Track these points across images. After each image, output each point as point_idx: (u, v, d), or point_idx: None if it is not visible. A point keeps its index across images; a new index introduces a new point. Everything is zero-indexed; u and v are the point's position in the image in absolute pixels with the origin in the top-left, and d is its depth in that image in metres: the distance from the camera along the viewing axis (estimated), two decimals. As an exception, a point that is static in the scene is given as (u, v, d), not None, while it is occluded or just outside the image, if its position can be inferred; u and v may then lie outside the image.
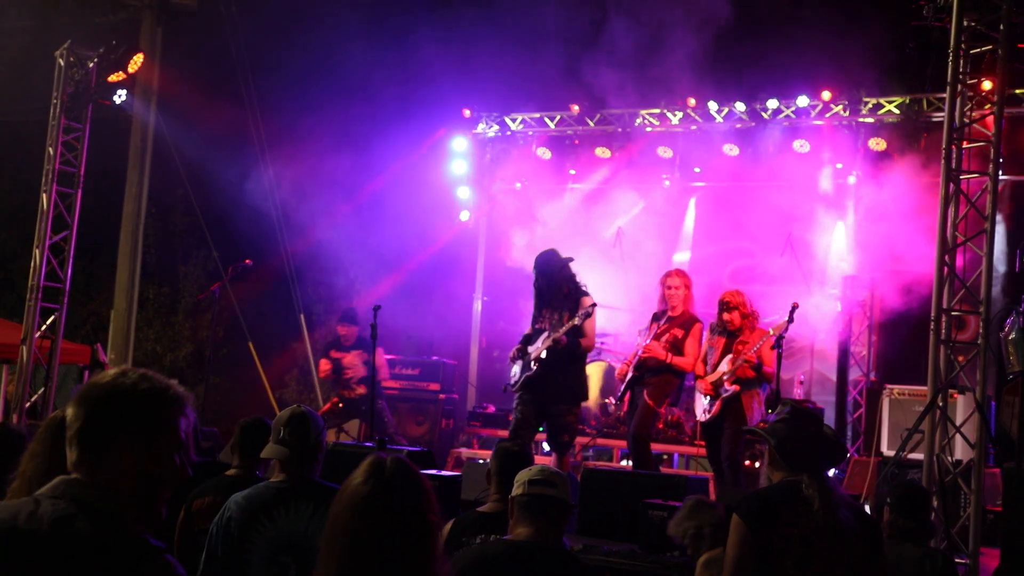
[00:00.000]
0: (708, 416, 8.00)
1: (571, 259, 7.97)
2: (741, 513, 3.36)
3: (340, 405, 10.21)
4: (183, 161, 12.60)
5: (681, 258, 12.33)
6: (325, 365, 10.39)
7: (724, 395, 7.87)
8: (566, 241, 13.32)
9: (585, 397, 8.11)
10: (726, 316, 8.02)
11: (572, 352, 7.76)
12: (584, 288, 7.87)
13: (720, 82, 11.85)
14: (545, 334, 7.76)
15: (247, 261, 10.91)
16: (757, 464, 9.36)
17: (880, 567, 3.42)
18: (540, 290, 7.95)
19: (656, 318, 8.40)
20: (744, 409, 7.81)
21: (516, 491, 3.25)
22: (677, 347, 8.12)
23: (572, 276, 7.88)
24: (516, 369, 7.95)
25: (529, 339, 8.00)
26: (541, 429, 8.21)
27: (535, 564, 3.13)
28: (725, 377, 7.88)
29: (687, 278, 8.36)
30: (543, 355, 7.69)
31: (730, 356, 7.91)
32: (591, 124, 12.92)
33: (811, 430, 3.45)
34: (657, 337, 8.19)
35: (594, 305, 7.70)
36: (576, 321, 7.57)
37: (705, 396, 8.06)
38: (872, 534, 3.43)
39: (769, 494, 3.47)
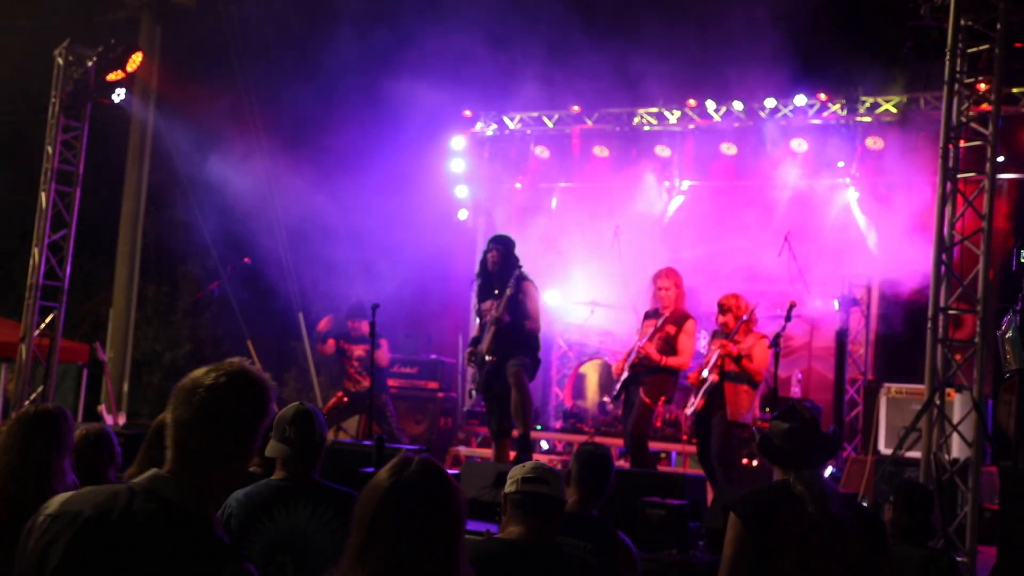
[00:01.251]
0: (692, 409, 8.04)
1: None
2: (738, 512, 3.37)
3: (345, 400, 10.21)
4: (182, 160, 12.61)
5: (679, 257, 12.34)
6: (331, 345, 10.37)
7: (704, 387, 7.90)
8: (564, 240, 13.38)
9: (532, 376, 8.09)
10: (721, 319, 8.09)
11: (519, 337, 7.83)
12: (527, 276, 8.04)
13: (718, 81, 11.87)
14: (488, 322, 7.91)
15: (246, 259, 10.93)
16: (755, 463, 9.37)
17: (882, 562, 3.41)
18: (488, 273, 8.07)
19: (648, 316, 8.41)
20: (728, 402, 7.81)
21: (509, 488, 3.21)
22: (670, 344, 8.11)
23: (518, 265, 8.05)
24: (473, 372, 8.14)
25: (477, 340, 8.14)
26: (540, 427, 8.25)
27: (527, 562, 3.10)
28: (710, 369, 7.94)
29: (678, 277, 8.36)
30: (492, 345, 7.78)
31: (717, 349, 7.98)
32: (589, 123, 12.93)
33: (796, 427, 3.49)
34: (650, 337, 8.21)
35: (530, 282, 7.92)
36: (509, 291, 7.67)
37: (694, 390, 8.13)
38: (872, 529, 3.43)
39: (765, 493, 3.49)
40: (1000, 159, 7.24)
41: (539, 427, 11.34)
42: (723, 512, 3.67)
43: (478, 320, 8.24)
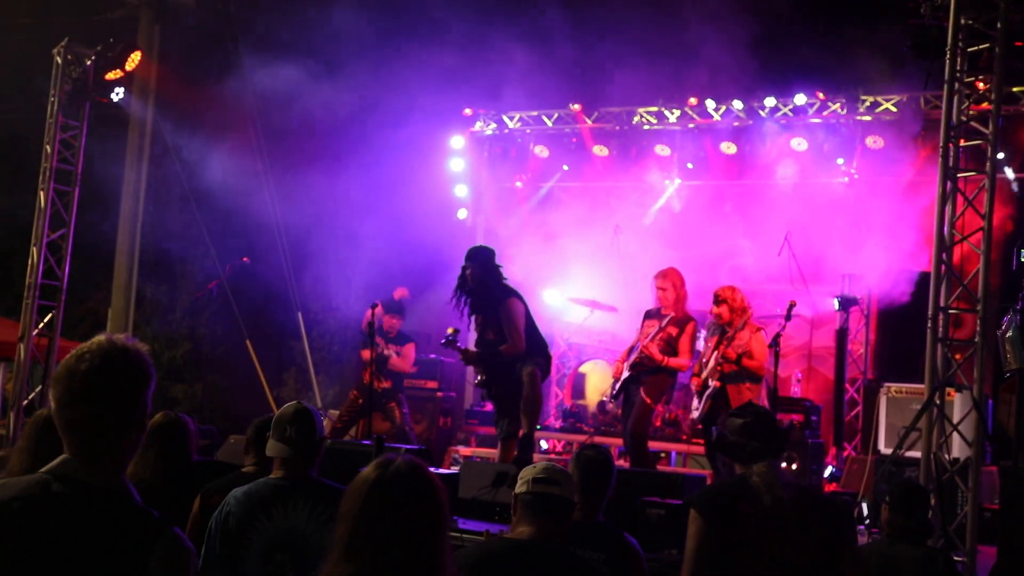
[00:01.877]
0: (699, 415, 8.07)
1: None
2: (697, 507, 3.43)
3: (360, 401, 10.18)
4: (180, 159, 12.59)
5: (678, 256, 12.32)
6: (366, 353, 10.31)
7: (708, 392, 7.93)
8: (563, 239, 13.37)
9: (546, 373, 7.92)
10: (716, 310, 8.10)
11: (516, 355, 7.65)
12: (511, 292, 7.69)
13: (718, 80, 11.86)
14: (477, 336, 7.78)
15: (245, 259, 10.91)
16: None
17: (844, 551, 3.40)
18: (470, 290, 7.72)
19: (649, 315, 8.40)
20: (733, 403, 7.82)
21: (520, 488, 3.21)
22: (671, 345, 8.11)
23: (500, 279, 7.72)
24: (478, 370, 7.99)
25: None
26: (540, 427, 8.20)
27: (535, 564, 3.10)
28: (710, 373, 7.95)
29: (678, 278, 8.33)
30: (485, 379, 7.75)
31: (716, 353, 7.98)
32: (589, 122, 12.92)
33: (748, 423, 3.52)
34: (652, 337, 8.19)
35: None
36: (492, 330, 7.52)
37: (696, 395, 8.13)
38: (833, 518, 3.44)
39: (724, 487, 3.60)
40: (1000, 155, 7.22)
41: (539, 427, 11.31)
42: (684, 508, 3.69)
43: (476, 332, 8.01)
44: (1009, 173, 10.60)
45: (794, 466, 8.75)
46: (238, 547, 3.49)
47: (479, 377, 7.95)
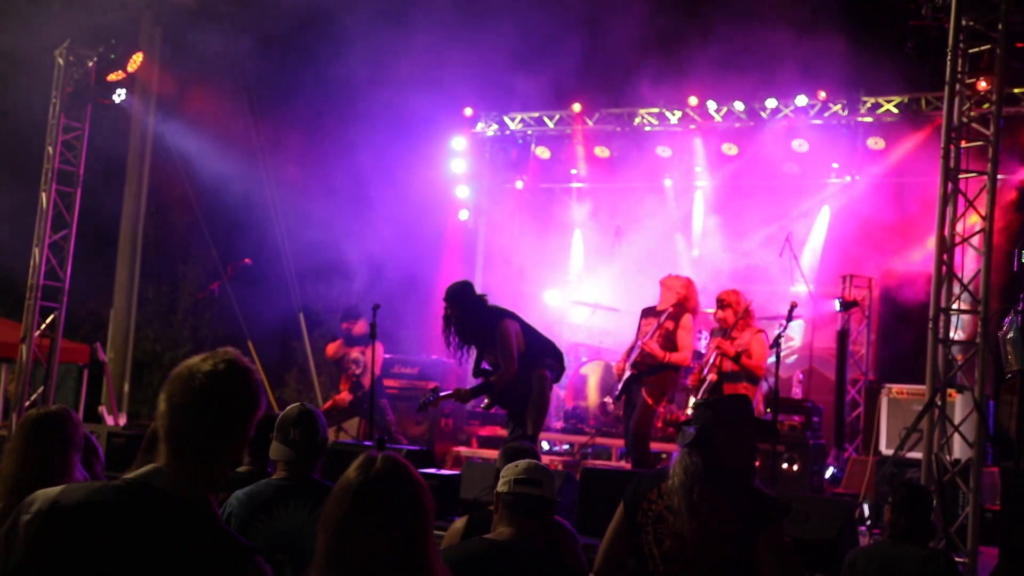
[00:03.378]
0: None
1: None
2: (624, 494, 3.42)
3: (348, 398, 10.18)
4: (182, 160, 12.60)
5: (678, 257, 12.34)
6: (334, 349, 10.31)
7: (703, 387, 7.92)
8: (564, 241, 13.39)
9: (558, 376, 7.83)
10: (720, 314, 8.09)
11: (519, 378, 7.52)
12: (497, 310, 7.50)
13: (719, 81, 11.86)
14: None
15: (246, 260, 10.91)
16: (756, 463, 9.36)
17: (770, 551, 3.18)
18: (455, 332, 7.50)
19: (646, 313, 8.40)
20: None
21: (501, 487, 3.20)
22: (670, 339, 8.08)
23: (483, 307, 7.48)
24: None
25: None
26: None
27: (515, 564, 3.10)
28: (708, 369, 7.94)
29: (683, 280, 8.31)
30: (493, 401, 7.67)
31: (716, 349, 7.98)
32: (590, 123, 12.93)
33: (701, 403, 3.46)
34: (651, 335, 8.19)
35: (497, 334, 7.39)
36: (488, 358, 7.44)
37: (693, 391, 8.14)
38: (757, 510, 3.22)
39: (648, 474, 3.52)
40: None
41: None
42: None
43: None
44: None
45: (795, 467, 8.75)
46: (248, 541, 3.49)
47: (485, 401, 7.86)
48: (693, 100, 12.16)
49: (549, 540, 3.52)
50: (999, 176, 6.88)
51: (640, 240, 12.54)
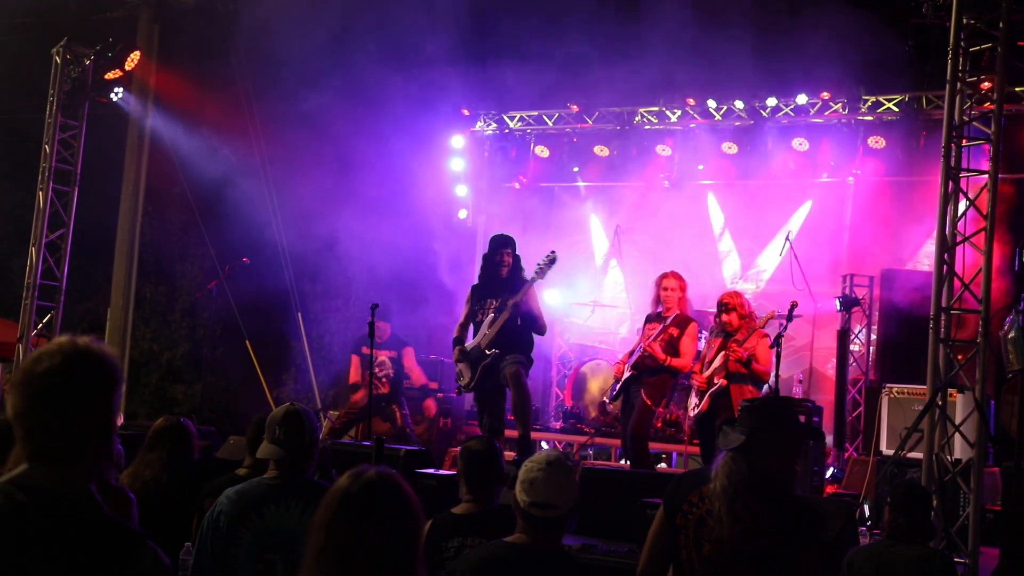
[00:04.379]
0: (696, 411, 8.03)
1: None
2: (664, 494, 3.40)
3: (363, 402, 10.11)
4: (180, 159, 12.57)
5: (679, 257, 12.31)
6: (356, 362, 10.21)
7: (712, 390, 7.90)
8: (564, 239, 13.35)
9: (531, 361, 7.96)
10: (724, 317, 8.04)
11: (522, 335, 7.71)
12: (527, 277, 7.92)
13: (719, 80, 11.83)
14: (492, 317, 7.71)
15: (244, 259, 10.88)
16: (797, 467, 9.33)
17: (807, 565, 3.17)
18: (493, 274, 7.86)
19: (650, 319, 8.39)
20: (734, 403, 7.81)
21: (520, 497, 3.21)
22: (673, 346, 8.11)
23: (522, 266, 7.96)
24: (463, 368, 7.88)
25: (461, 340, 7.97)
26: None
27: (535, 566, 3.18)
28: (715, 372, 7.92)
29: (682, 280, 8.35)
30: (495, 339, 7.65)
31: (723, 352, 7.95)
32: (589, 122, 12.90)
33: (753, 406, 3.41)
34: (654, 338, 8.17)
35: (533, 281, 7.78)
36: (520, 295, 7.58)
37: (697, 392, 8.10)
38: (798, 522, 3.21)
39: (688, 474, 3.49)
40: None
41: (538, 427, 11.30)
42: None
43: (471, 320, 7.98)
44: None
45: (796, 467, 8.72)
46: (228, 546, 3.47)
47: (464, 377, 7.88)
48: (692, 99, 12.14)
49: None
50: (1000, 175, 6.85)
51: (639, 239, 12.51)
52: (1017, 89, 10.34)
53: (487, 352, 7.69)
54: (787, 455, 3.31)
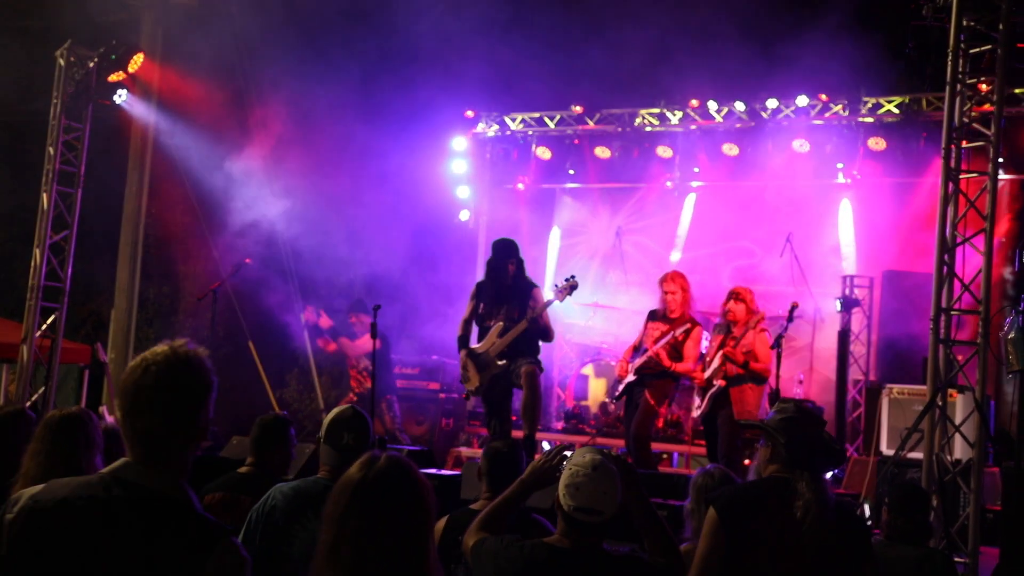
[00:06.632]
0: (698, 412, 8.10)
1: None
2: (716, 505, 3.33)
3: (354, 400, 10.17)
4: (183, 160, 12.60)
5: (680, 258, 12.34)
6: (331, 346, 10.32)
7: (711, 391, 7.94)
8: (565, 241, 13.38)
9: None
10: (731, 304, 8.07)
11: (531, 341, 7.65)
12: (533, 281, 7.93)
13: (720, 81, 11.85)
14: (502, 326, 7.66)
15: (247, 260, 10.91)
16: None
17: (868, 571, 3.34)
18: (500, 281, 7.76)
19: (653, 316, 8.41)
20: (734, 402, 7.87)
21: (564, 501, 3.15)
22: (677, 349, 8.17)
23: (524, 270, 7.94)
24: (470, 372, 7.80)
25: (466, 339, 7.88)
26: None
27: (579, 568, 3.13)
28: (714, 373, 7.97)
29: (685, 281, 8.38)
30: (507, 350, 7.61)
31: (720, 353, 7.99)
32: (591, 124, 12.92)
33: (812, 431, 3.41)
34: (656, 340, 8.22)
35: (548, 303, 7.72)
36: (532, 302, 7.56)
37: (699, 392, 8.16)
38: (860, 539, 3.38)
39: (749, 488, 3.47)
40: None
41: (540, 427, 11.31)
42: (704, 505, 3.61)
43: (474, 317, 7.93)
44: None
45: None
46: (282, 542, 3.51)
47: (471, 380, 7.83)
48: (694, 100, 12.16)
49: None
50: (1000, 177, 6.88)
51: (641, 241, 12.54)
52: (1017, 91, 10.35)
53: (498, 363, 7.66)
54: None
